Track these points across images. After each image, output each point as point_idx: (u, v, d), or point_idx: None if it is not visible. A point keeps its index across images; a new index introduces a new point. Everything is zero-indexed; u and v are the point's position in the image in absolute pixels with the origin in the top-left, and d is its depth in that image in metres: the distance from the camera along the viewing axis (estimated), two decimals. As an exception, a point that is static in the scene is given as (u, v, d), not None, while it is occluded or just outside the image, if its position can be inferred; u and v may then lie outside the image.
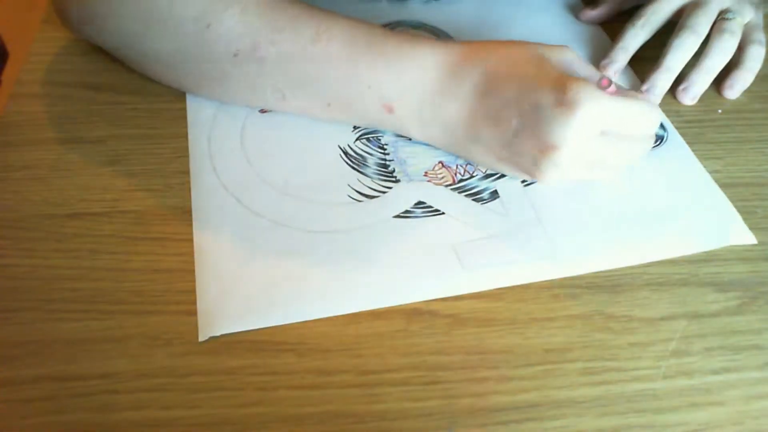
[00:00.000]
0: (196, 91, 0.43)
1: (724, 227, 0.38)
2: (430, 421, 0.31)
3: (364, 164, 0.40)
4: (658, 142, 0.43)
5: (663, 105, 0.46)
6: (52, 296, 0.34)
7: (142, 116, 0.43)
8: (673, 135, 0.43)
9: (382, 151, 0.41)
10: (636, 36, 0.46)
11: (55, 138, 0.41)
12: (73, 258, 0.35)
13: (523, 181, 0.40)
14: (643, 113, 0.35)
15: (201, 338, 0.33)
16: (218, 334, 0.33)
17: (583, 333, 0.34)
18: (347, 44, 0.37)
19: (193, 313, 0.34)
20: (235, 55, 0.38)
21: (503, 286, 0.35)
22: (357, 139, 0.42)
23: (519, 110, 0.35)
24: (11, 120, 0.42)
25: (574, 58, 0.37)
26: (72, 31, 0.44)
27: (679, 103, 0.46)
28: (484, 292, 0.35)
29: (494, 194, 0.39)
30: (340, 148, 0.41)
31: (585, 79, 0.34)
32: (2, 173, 0.39)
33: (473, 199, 0.39)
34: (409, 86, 0.38)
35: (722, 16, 0.45)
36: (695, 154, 0.43)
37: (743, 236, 0.38)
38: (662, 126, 0.44)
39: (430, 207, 0.38)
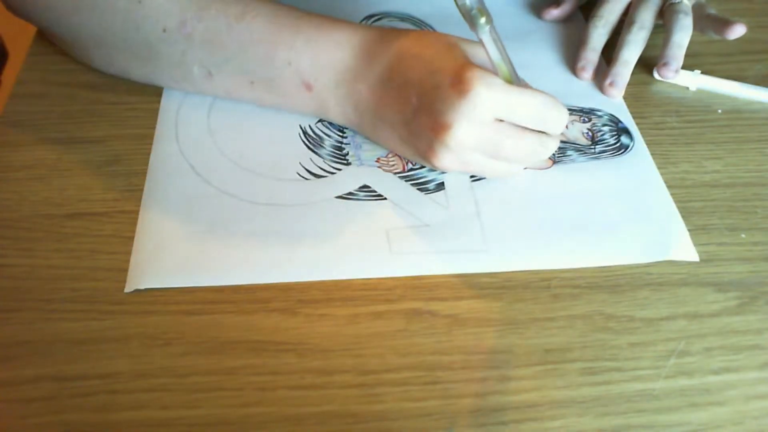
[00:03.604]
0: (126, 71, 0.43)
1: (666, 241, 0.38)
2: (430, 421, 0.31)
3: (320, 145, 0.42)
4: (622, 151, 0.43)
5: (661, 106, 0.46)
6: (52, 296, 0.34)
7: (142, 116, 0.43)
8: (639, 145, 0.43)
9: (341, 134, 0.42)
10: (601, 36, 0.48)
11: (55, 138, 0.41)
12: (73, 258, 0.35)
13: (471, 177, 0.40)
14: (543, 108, 0.35)
15: (127, 290, 0.34)
16: (144, 287, 0.34)
17: (583, 333, 0.34)
18: (271, 22, 0.39)
19: (194, 313, 0.34)
20: (164, 30, 0.39)
21: (429, 273, 0.36)
22: (319, 121, 0.43)
23: (420, 89, 0.36)
24: (11, 120, 0.42)
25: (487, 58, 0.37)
26: (8, 9, 0.43)
27: (678, 103, 0.46)
28: (484, 292, 0.35)
29: (440, 186, 0.40)
30: (301, 127, 0.43)
31: (486, 69, 0.35)
32: (2, 173, 0.39)
33: (418, 189, 0.40)
34: (327, 64, 0.39)
35: (669, 2, 0.47)
36: (695, 154, 0.43)
37: (686, 252, 0.38)
38: (630, 135, 0.44)
39: (374, 192, 0.39)
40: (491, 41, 0.33)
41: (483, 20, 0.32)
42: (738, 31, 0.46)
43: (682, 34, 0.47)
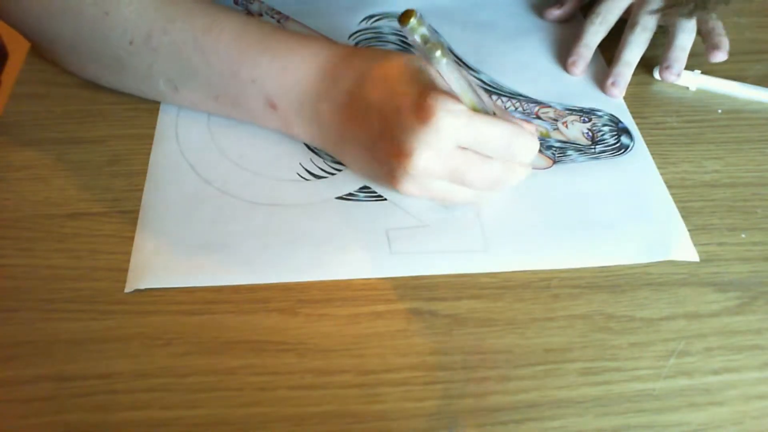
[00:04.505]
0: (98, 79, 0.43)
1: (666, 241, 0.38)
2: (430, 421, 0.31)
3: None
4: (622, 151, 0.43)
5: (661, 106, 0.46)
6: (52, 296, 0.34)
7: (142, 116, 0.43)
8: (639, 145, 0.43)
9: None
10: (596, 33, 0.48)
11: (55, 138, 0.41)
12: (73, 258, 0.35)
13: None
14: (509, 137, 0.34)
15: (127, 290, 0.34)
16: (144, 287, 0.34)
17: (583, 333, 0.34)
18: (236, 37, 0.38)
19: (194, 313, 0.34)
20: (131, 43, 0.38)
21: (429, 273, 0.36)
22: None
23: (382, 113, 0.35)
24: (11, 120, 0.42)
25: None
26: None
27: (678, 103, 0.47)
28: (484, 292, 0.35)
29: None
30: None
31: (449, 93, 0.33)
32: (2, 173, 0.39)
33: None
34: (292, 83, 0.38)
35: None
36: (695, 154, 0.43)
37: (686, 252, 0.37)
38: (630, 135, 0.44)
39: (374, 192, 0.39)
40: (449, 72, 0.32)
41: (438, 53, 0.30)
42: (718, 57, 0.47)
43: (685, 37, 0.47)
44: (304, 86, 0.38)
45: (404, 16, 0.29)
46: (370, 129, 0.36)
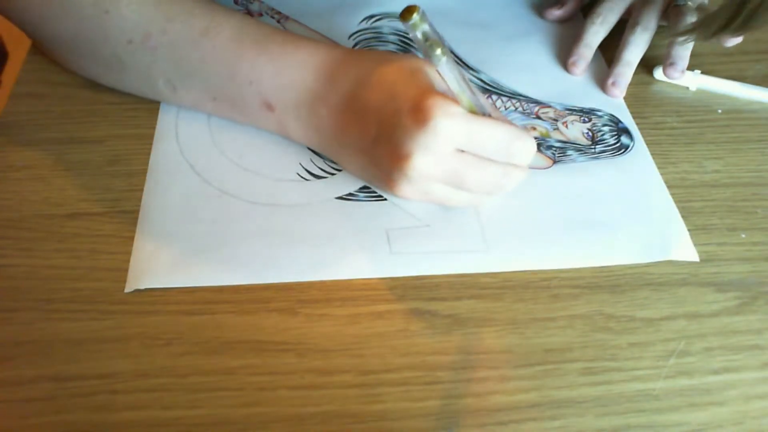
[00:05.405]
0: (98, 78, 0.43)
1: (666, 241, 0.38)
2: (430, 421, 0.31)
3: None
4: (622, 151, 0.43)
5: (661, 106, 0.46)
6: (52, 296, 0.34)
7: (142, 116, 0.43)
8: (639, 145, 0.43)
9: None
10: (597, 33, 0.48)
11: (55, 138, 0.41)
12: (73, 258, 0.35)
13: None
14: (507, 139, 0.34)
15: (127, 290, 0.34)
16: (144, 287, 0.34)
17: (583, 333, 0.34)
18: (234, 38, 0.38)
19: (194, 313, 0.34)
20: (129, 42, 0.38)
21: (429, 273, 0.36)
22: None
23: (380, 116, 0.35)
24: (11, 120, 0.42)
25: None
26: None
27: (678, 103, 0.47)
28: (484, 292, 0.35)
29: None
30: None
31: (447, 96, 0.33)
32: (2, 173, 0.39)
33: None
34: (288, 85, 0.38)
35: (674, 4, 0.47)
36: (695, 154, 0.43)
37: (686, 252, 0.38)
38: (630, 135, 0.44)
39: (374, 192, 0.39)
40: (449, 72, 0.31)
41: (438, 52, 0.30)
42: (734, 39, 0.47)
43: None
44: (300, 89, 0.38)
45: (406, 12, 0.29)
46: (367, 132, 0.36)
